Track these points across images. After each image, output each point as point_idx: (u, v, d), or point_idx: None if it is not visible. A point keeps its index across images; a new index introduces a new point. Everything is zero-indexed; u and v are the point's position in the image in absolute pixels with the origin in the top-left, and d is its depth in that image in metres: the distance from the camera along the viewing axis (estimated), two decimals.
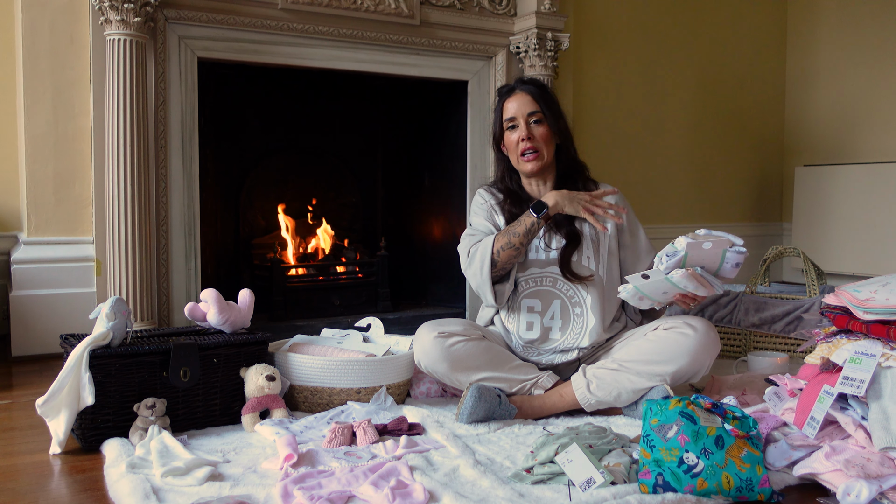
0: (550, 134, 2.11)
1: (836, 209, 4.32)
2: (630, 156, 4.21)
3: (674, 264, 1.77)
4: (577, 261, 2.07)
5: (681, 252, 1.76)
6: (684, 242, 1.75)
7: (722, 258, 1.80)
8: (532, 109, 2.10)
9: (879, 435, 1.42)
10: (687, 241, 1.75)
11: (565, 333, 2.06)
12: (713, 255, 1.78)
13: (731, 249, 1.78)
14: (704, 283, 1.78)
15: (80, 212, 2.78)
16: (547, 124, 2.10)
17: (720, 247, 1.76)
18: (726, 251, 1.78)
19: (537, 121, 2.10)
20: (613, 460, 1.53)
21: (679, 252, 1.76)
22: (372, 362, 2.00)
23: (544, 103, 2.11)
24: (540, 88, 2.14)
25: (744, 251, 1.79)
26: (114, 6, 2.50)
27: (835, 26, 4.56)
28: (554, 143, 2.13)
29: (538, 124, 2.10)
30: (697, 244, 1.75)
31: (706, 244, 1.75)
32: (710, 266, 1.81)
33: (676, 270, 1.76)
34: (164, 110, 2.71)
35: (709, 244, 1.75)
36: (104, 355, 1.73)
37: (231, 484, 1.48)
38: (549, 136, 2.11)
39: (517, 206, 2.13)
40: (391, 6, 3.04)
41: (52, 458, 1.69)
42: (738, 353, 2.71)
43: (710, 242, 1.75)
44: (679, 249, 1.76)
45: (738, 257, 1.79)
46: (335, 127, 3.59)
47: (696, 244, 1.75)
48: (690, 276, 1.76)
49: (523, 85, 2.15)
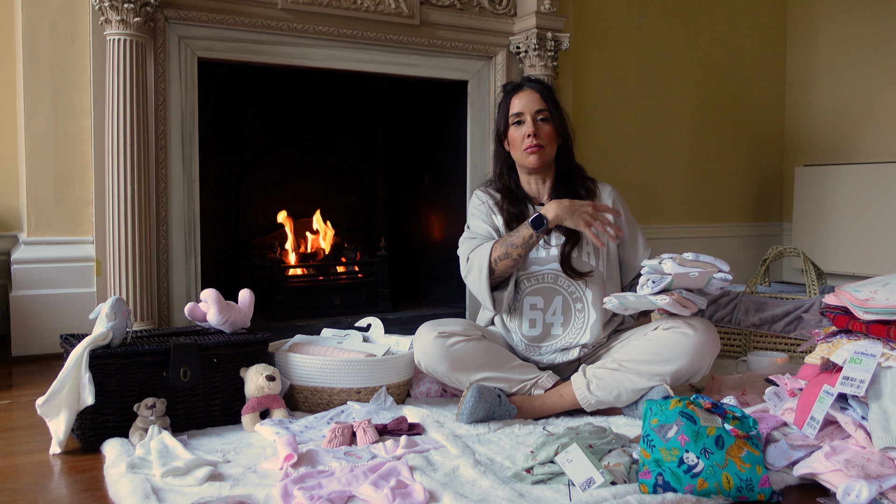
0: (554, 133, 2.13)
1: (836, 209, 4.32)
2: (630, 156, 4.21)
3: (660, 289, 1.85)
4: (577, 257, 2.08)
5: (668, 279, 1.83)
6: (671, 268, 1.82)
7: (707, 282, 1.87)
8: (540, 107, 2.11)
9: (879, 435, 1.42)
10: (675, 269, 1.82)
11: (567, 329, 2.07)
12: (699, 281, 1.85)
13: (717, 276, 1.85)
14: (688, 304, 1.85)
15: (80, 212, 2.78)
16: (552, 123, 2.12)
17: (706, 275, 1.84)
18: (712, 278, 1.83)
19: (544, 119, 2.11)
20: (613, 460, 1.53)
21: (666, 279, 1.83)
22: (372, 362, 2.00)
23: (551, 103, 2.14)
24: (547, 89, 2.17)
25: (729, 278, 1.86)
26: (114, 6, 2.50)
27: (835, 26, 4.56)
28: (557, 143, 2.15)
29: (545, 122, 2.11)
30: (685, 274, 1.82)
31: (693, 272, 1.81)
32: (694, 288, 1.89)
33: (662, 296, 1.83)
34: (164, 110, 2.71)
35: (696, 272, 1.83)
36: (104, 355, 1.73)
37: (231, 484, 1.48)
38: (554, 136, 2.13)
39: (515, 206, 2.14)
40: (391, 6, 3.04)
41: (52, 458, 1.69)
42: (738, 353, 2.71)
43: (698, 272, 1.82)
44: (667, 276, 1.83)
45: (723, 283, 1.87)
46: (335, 127, 3.59)
47: (683, 273, 1.82)
48: (675, 301, 1.83)
49: (531, 83, 2.17)
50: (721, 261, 1.88)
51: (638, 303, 1.87)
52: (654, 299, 1.83)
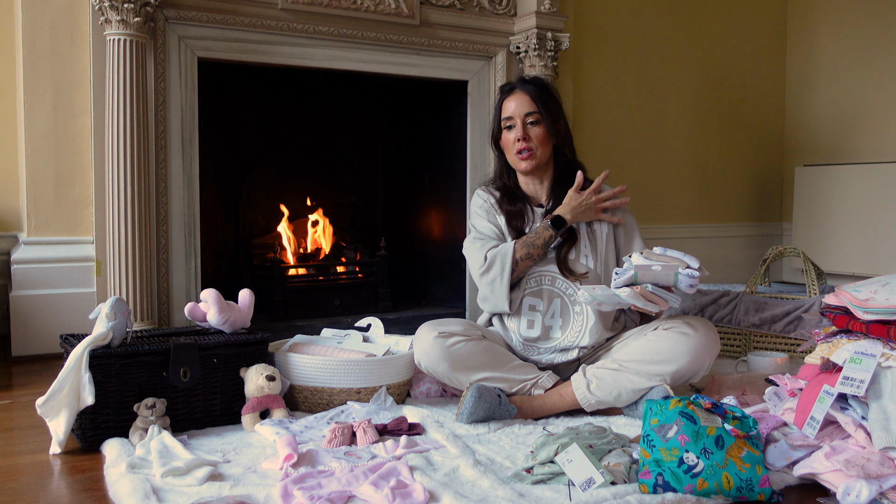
0: (546, 135, 2.11)
1: (836, 209, 4.32)
2: (630, 156, 4.21)
3: (623, 281, 1.84)
4: (574, 258, 2.08)
5: (630, 271, 1.82)
6: (634, 260, 1.83)
7: (675, 279, 1.84)
8: (529, 110, 2.10)
9: (879, 435, 1.42)
10: (637, 259, 1.82)
11: (565, 332, 2.07)
12: (664, 276, 1.83)
13: (683, 272, 1.82)
14: (655, 300, 1.83)
15: (80, 212, 2.78)
16: (544, 125, 2.10)
17: (671, 270, 1.82)
18: (678, 273, 1.81)
19: (534, 122, 2.10)
20: (613, 460, 1.53)
21: (628, 270, 1.83)
22: (372, 362, 2.00)
23: (542, 104, 2.11)
24: (540, 88, 2.14)
25: (696, 275, 1.83)
26: (114, 6, 2.50)
27: (835, 26, 4.56)
28: (550, 143, 2.13)
29: (535, 125, 2.10)
30: (646, 266, 1.81)
31: (656, 266, 1.81)
32: (663, 284, 1.86)
33: (625, 289, 1.82)
34: (164, 110, 2.71)
35: (658, 266, 1.81)
36: (104, 355, 1.73)
37: (231, 484, 1.48)
38: (545, 137, 2.11)
39: (513, 204, 2.15)
40: (391, 6, 3.04)
41: (52, 458, 1.69)
42: (738, 353, 2.71)
43: (661, 266, 1.81)
44: (629, 268, 1.83)
45: (691, 280, 1.83)
46: (335, 127, 3.59)
47: (646, 266, 1.81)
48: (638, 293, 1.81)
49: (524, 84, 2.15)
50: (691, 257, 1.85)
51: (605, 295, 1.84)
52: (618, 292, 1.81)
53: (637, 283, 1.84)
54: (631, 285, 1.84)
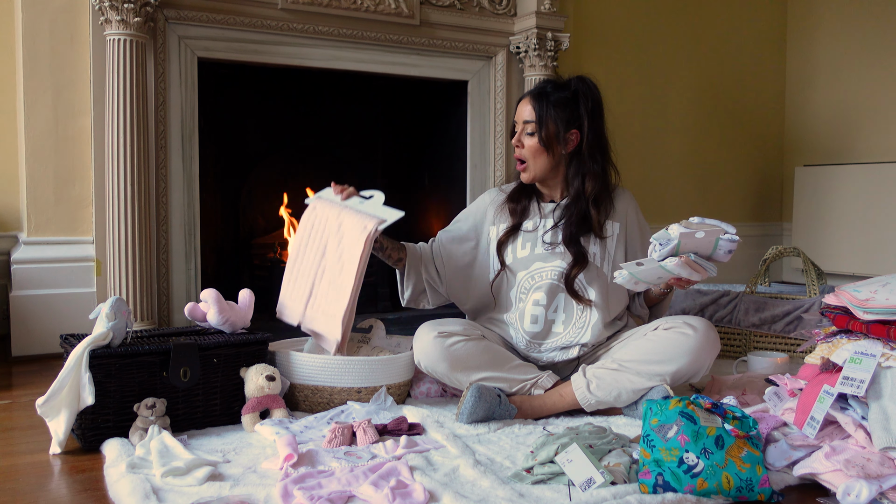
0: (538, 148, 2.08)
1: (836, 209, 4.32)
2: (630, 156, 4.20)
3: (667, 252, 1.80)
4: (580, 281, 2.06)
5: (674, 240, 1.79)
6: (678, 231, 1.78)
7: (715, 245, 1.83)
8: (527, 119, 2.10)
9: (879, 435, 1.42)
10: (680, 230, 1.78)
11: (568, 327, 2.07)
12: (706, 243, 1.81)
13: (724, 237, 1.81)
14: (698, 269, 1.81)
15: (80, 212, 2.78)
16: (537, 137, 2.08)
17: (713, 235, 1.80)
18: (719, 239, 1.81)
19: (529, 132, 2.09)
20: (613, 460, 1.53)
21: (673, 240, 1.79)
22: (372, 362, 2.01)
23: (540, 115, 2.07)
24: (540, 98, 2.09)
25: (736, 239, 1.81)
26: (114, 6, 2.50)
27: (835, 26, 4.56)
28: (545, 155, 2.09)
29: (529, 136, 2.10)
30: (690, 234, 1.78)
31: (699, 233, 1.78)
32: (703, 252, 1.84)
33: (671, 259, 1.79)
34: (164, 110, 2.71)
35: (701, 233, 1.79)
36: (104, 355, 1.73)
37: (231, 484, 1.48)
38: (538, 149, 2.09)
39: (517, 202, 2.17)
40: (391, 6, 3.04)
41: (52, 458, 1.69)
42: (738, 353, 2.71)
43: (703, 232, 1.78)
44: (672, 238, 1.79)
45: (731, 245, 1.82)
46: (335, 127, 3.59)
47: (690, 234, 1.78)
48: (684, 263, 1.79)
49: (531, 91, 2.13)
50: (727, 224, 1.83)
51: (648, 270, 1.82)
52: (664, 263, 1.79)
53: (679, 253, 1.81)
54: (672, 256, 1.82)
